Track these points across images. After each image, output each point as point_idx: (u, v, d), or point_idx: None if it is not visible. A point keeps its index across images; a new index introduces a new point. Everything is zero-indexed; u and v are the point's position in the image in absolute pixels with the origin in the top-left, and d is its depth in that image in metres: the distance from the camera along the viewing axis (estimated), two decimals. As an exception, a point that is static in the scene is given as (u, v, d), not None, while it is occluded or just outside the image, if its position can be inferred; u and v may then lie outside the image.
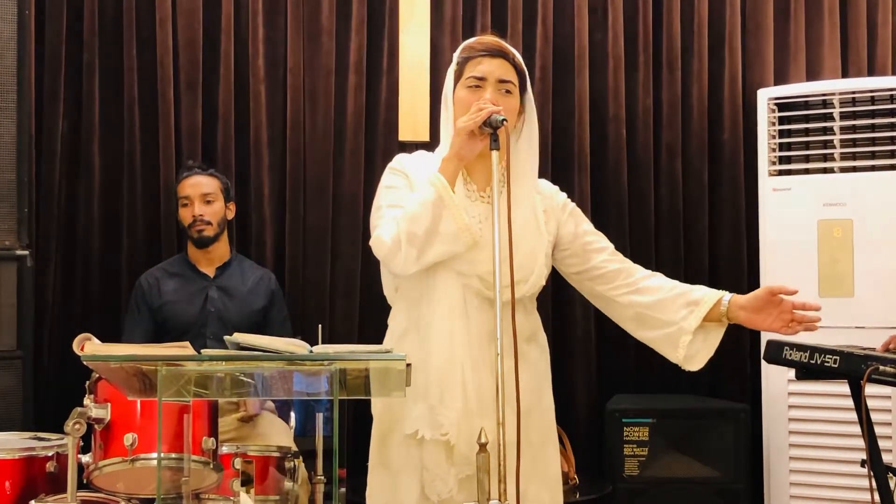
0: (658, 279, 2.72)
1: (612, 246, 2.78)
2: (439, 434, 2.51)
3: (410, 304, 2.66)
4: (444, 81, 2.74)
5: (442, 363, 2.54)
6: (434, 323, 2.57)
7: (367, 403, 2.78)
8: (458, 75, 2.66)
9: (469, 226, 2.54)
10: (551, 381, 2.79)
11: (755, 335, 4.56)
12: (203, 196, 4.09)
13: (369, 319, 4.57)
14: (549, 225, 2.71)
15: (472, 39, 2.74)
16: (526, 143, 2.69)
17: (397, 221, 2.54)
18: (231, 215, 4.22)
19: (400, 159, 2.76)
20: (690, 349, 2.64)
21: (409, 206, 2.55)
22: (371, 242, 2.62)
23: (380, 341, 2.69)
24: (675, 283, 2.71)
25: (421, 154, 2.78)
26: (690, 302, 2.64)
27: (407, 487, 2.58)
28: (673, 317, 2.64)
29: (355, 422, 4.39)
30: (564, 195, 2.82)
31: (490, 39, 2.69)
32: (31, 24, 4.28)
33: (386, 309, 2.84)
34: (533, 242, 2.64)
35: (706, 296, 2.64)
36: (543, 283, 2.69)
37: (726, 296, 2.65)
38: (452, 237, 2.53)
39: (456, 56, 2.70)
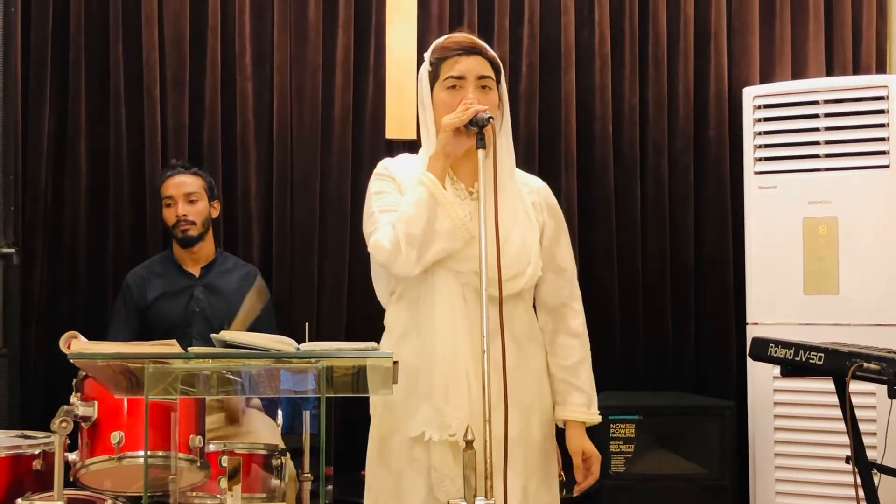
0: (567, 352, 2.75)
1: (573, 266, 2.77)
2: (447, 435, 2.49)
3: (410, 306, 2.65)
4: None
5: (446, 363, 2.53)
6: (436, 323, 2.56)
7: (360, 404, 2.78)
8: (434, 76, 2.65)
9: (464, 220, 2.54)
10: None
11: (741, 332, 4.58)
12: (186, 196, 4.06)
13: (357, 317, 4.58)
14: (537, 218, 2.70)
15: (442, 38, 2.70)
16: (506, 137, 2.67)
17: (393, 224, 2.54)
18: (216, 214, 4.19)
19: (385, 164, 2.74)
20: None
21: (402, 208, 2.55)
22: (370, 248, 2.61)
23: (367, 339, 2.69)
24: (569, 364, 2.74)
25: (405, 157, 2.76)
26: (556, 401, 2.74)
27: (412, 489, 2.57)
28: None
29: (345, 421, 4.40)
30: (552, 193, 2.80)
31: (462, 37, 2.67)
32: (17, 21, 4.28)
33: (374, 306, 2.84)
34: (525, 235, 2.63)
35: (558, 410, 2.74)
36: (540, 273, 2.67)
37: (568, 422, 2.74)
38: (449, 234, 2.53)
39: (428, 56, 2.67)
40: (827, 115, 4.38)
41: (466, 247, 2.55)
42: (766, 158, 4.45)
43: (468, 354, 2.53)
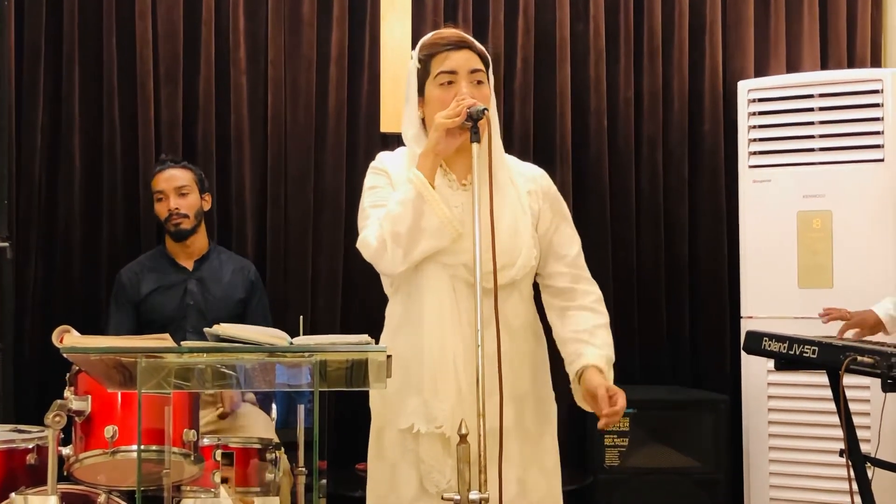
0: (579, 318, 2.66)
1: (575, 251, 2.71)
2: (434, 427, 2.50)
3: (404, 299, 2.65)
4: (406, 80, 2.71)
5: (434, 355, 2.53)
6: (425, 316, 2.56)
7: (354, 398, 2.77)
8: (425, 73, 2.64)
9: (451, 219, 2.53)
10: (549, 372, 2.77)
11: (735, 326, 4.58)
12: (177, 189, 4.06)
13: (351, 311, 4.57)
14: (532, 206, 2.68)
15: (430, 35, 2.69)
16: (495, 128, 2.65)
17: (380, 222, 2.54)
18: (207, 206, 4.18)
19: (381, 158, 2.75)
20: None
21: (390, 205, 2.55)
22: (358, 245, 2.61)
23: (361, 333, 2.69)
24: (583, 328, 2.65)
25: (402, 151, 2.76)
26: (571, 360, 2.64)
27: (406, 480, 2.58)
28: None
29: (339, 415, 4.40)
30: (550, 181, 2.77)
31: (451, 32, 2.66)
32: (10, 15, 4.27)
33: (368, 301, 2.85)
34: (516, 225, 2.61)
35: (574, 364, 2.63)
36: (534, 262, 2.64)
37: (586, 367, 2.60)
38: (436, 232, 2.52)
39: (416, 53, 2.67)
40: (821, 108, 4.38)
41: (454, 242, 2.55)
42: (761, 152, 4.45)
43: (458, 346, 2.53)
